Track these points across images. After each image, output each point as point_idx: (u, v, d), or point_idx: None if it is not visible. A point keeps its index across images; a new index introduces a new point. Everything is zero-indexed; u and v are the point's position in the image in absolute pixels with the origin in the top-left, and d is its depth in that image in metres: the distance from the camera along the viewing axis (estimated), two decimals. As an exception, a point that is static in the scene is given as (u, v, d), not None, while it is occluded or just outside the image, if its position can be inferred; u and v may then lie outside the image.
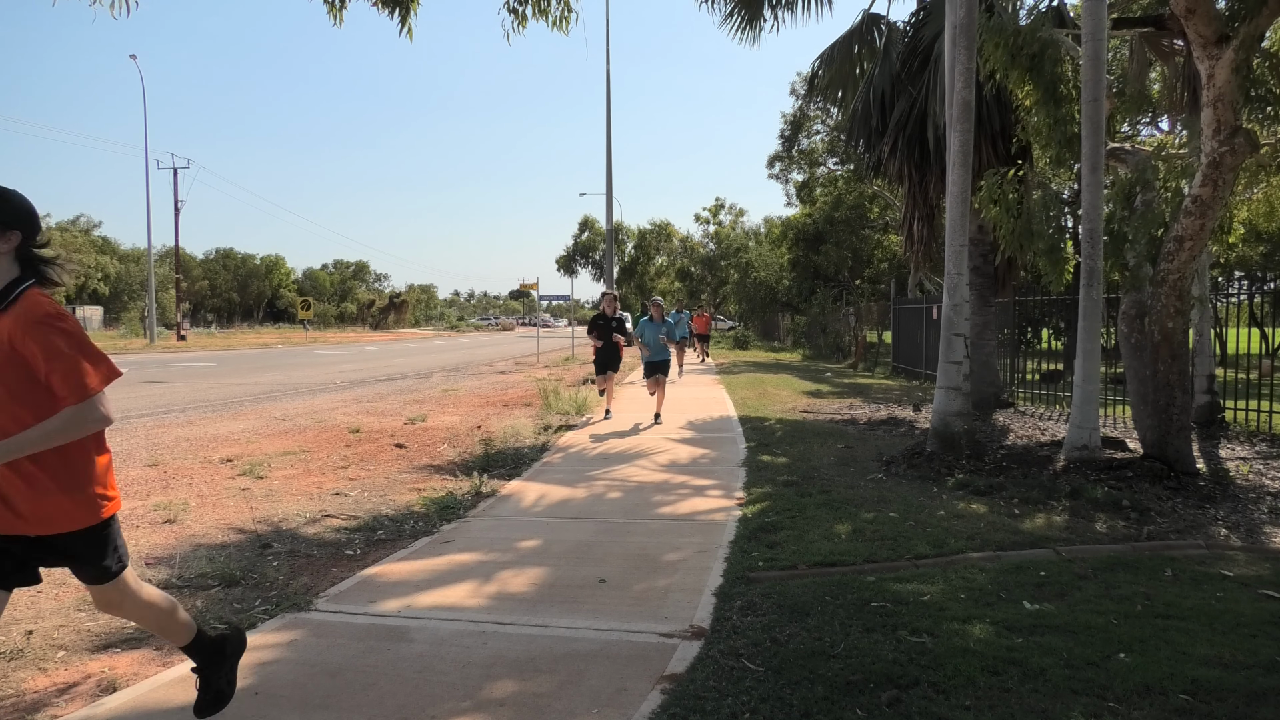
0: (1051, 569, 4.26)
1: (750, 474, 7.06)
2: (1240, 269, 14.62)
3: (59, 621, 3.83)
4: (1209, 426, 9.12)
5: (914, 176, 11.59)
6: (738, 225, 58.16)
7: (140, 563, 4.70)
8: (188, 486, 6.88)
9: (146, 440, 9.41)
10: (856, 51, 12.48)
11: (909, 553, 4.55)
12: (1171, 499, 5.85)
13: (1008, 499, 5.90)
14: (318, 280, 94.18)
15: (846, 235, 35.68)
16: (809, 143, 38.22)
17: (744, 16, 12.21)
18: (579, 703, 2.89)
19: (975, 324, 10.41)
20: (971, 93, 7.43)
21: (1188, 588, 3.96)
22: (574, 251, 68.38)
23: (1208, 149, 6.20)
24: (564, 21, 8.58)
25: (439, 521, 5.68)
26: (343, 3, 7.90)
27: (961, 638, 3.33)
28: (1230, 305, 14.71)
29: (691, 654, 3.27)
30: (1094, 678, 2.97)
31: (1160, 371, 6.54)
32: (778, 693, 2.90)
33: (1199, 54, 6.25)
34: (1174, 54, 10.24)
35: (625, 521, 5.57)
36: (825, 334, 29.20)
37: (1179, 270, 6.43)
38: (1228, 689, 2.86)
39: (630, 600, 3.97)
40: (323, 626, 3.70)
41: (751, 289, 43.30)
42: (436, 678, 3.13)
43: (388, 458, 8.34)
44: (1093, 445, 6.77)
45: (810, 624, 3.54)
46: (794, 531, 5.06)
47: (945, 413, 7.45)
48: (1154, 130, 18.72)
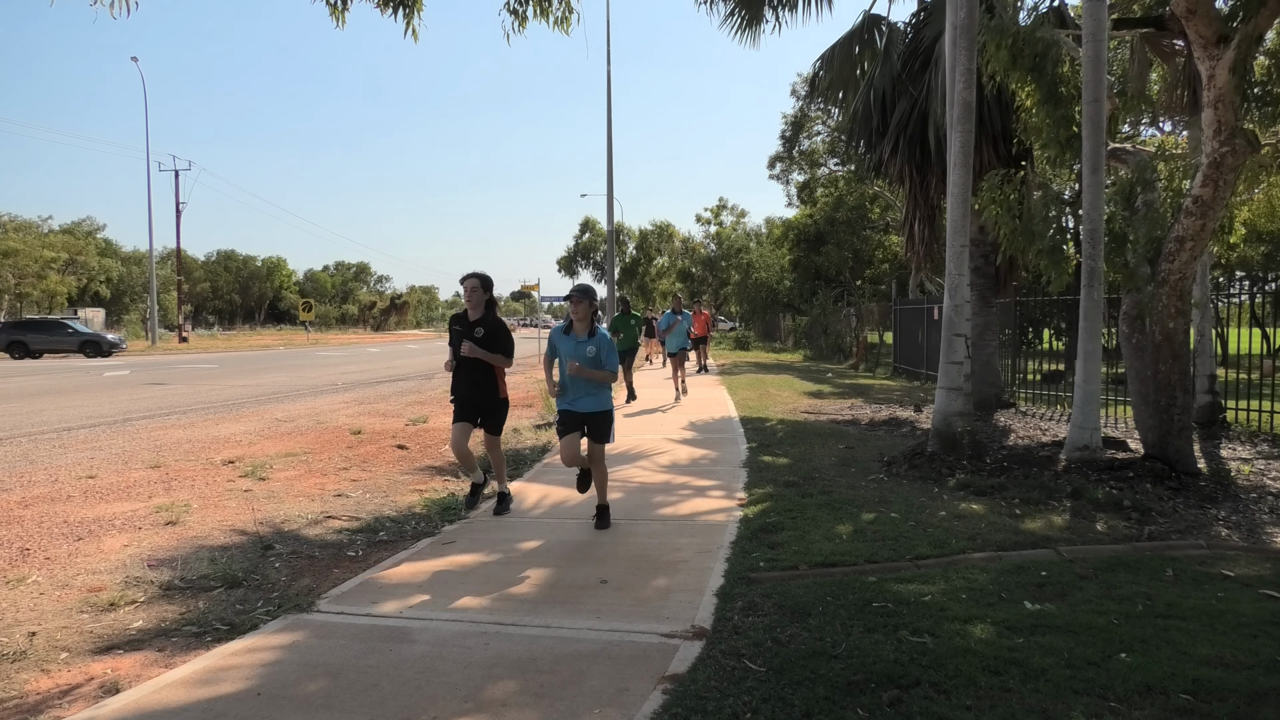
0: (1053, 569, 4.26)
1: (751, 475, 7.06)
2: (1241, 269, 14.61)
3: (61, 623, 3.84)
4: (1210, 427, 9.11)
5: (915, 177, 11.59)
6: (739, 226, 58.15)
7: (143, 564, 4.71)
8: (190, 488, 6.90)
9: (149, 442, 9.42)
10: (857, 52, 12.48)
11: (910, 553, 4.55)
12: (1173, 499, 5.85)
13: (1009, 499, 5.90)
14: (319, 282, 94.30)
15: (847, 236, 35.65)
16: (810, 144, 38.22)
17: (744, 17, 12.21)
18: (581, 703, 2.89)
19: (976, 324, 10.41)
20: (972, 93, 7.43)
21: (1189, 588, 3.96)
22: (575, 252, 68.35)
23: (1208, 149, 6.20)
24: (565, 22, 8.59)
25: (440, 523, 5.69)
26: (345, 4, 7.91)
27: (963, 638, 3.33)
28: (1231, 305, 14.70)
29: (693, 654, 3.28)
30: (1095, 678, 2.97)
31: (1161, 372, 6.54)
32: (779, 693, 2.90)
33: (1199, 54, 6.24)
34: (1174, 54, 10.24)
35: (626, 522, 5.57)
36: (826, 335, 29.19)
37: (1180, 270, 6.43)
38: (1229, 689, 2.86)
39: (632, 601, 3.97)
40: (325, 627, 3.71)
41: (752, 290, 43.28)
42: (438, 678, 3.13)
43: (389, 459, 8.35)
44: (1094, 445, 6.77)
45: (811, 624, 3.54)
46: (795, 532, 5.06)
47: (946, 413, 7.45)
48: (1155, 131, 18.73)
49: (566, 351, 5.25)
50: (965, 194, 7.40)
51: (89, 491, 6.73)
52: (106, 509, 6.12)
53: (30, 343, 31.73)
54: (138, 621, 3.85)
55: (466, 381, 5.61)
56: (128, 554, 4.95)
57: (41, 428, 10.68)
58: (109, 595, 4.15)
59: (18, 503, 6.32)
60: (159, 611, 3.98)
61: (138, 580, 4.43)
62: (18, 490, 6.80)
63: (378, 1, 7.95)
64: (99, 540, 5.27)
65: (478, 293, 5.62)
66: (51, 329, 32.87)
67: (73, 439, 9.68)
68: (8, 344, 31.69)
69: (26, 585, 4.39)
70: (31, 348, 31.67)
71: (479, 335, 5.54)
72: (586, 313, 5.28)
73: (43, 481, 7.16)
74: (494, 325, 5.63)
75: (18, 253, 46.11)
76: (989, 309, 11.74)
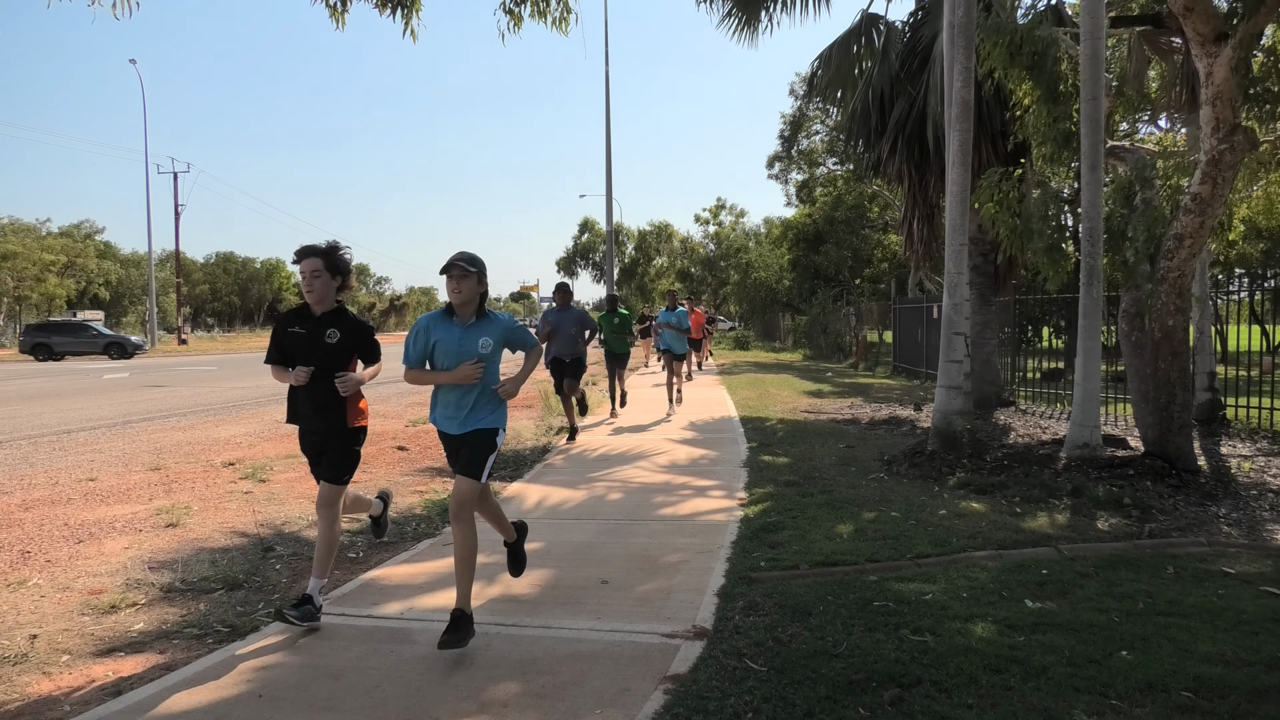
0: (1053, 567, 4.26)
1: (752, 474, 7.06)
2: (1240, 266, 14.61)
3: (63, 625, 3.84)
4: (1210, 424, 9.12)
5: (913, 176, 11.59)
6: (738, 226, 58.17)
7: (144, 566, 4.71)
8: (190, 490, 6.89)
9: (148, 444, 9.42)
10: (855, 51, 12.48)
11: (911, 552, 4.56)
12: (1173, 496, 5.85)
13: (1009, 497, 5.90)
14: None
15: (846, 235, 35.66)
16: (808, 143, 38.23)
17: (742, 17, 12.22)
18: (582, 703, 2.89)
19: (976, 323, 10.41)
20: (970, 92, 7.43)
21: (1189, 585, 3.96)
22: (574, 253, 68.41)
23: (1207, 147, 6.21)
24: (563, 22, 8.58)
25: (441, 524, 5.69)
26: (344, 5, 7.90)
27: (964, 636, 3.33)
28: (1231, 302, 14.71)
29: (694, 654, 3.28)
30: (1096, 675, 2.97)
31: (1161, 369, 6.54)
32: (780, 692, 2.91)
33: (1197, 52, 6.25)
34: (1172, 52, 10.24)
35: (627, 523, 5.57)
36: (826, 334, 29.20)
37: (1179, 268, 6.43)
38: (1230, 686, 2.86)
39: (633, 601, 3.98)
40: (326, 629, 3.71)
41: (752, 289, 43.28)
42: (440, 679, 3.13)
43: (390, 460, 8.35)
44: (1094, 443, 6.77)
45: (812, 624, 3.54)
46: (796, 531, 5.06)
47: (946, 412, 7.45)
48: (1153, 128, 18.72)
49: (447, 346, 3.60)
50: (964, 192, 7.41)
51: (89, 494, 6.73)
52: (107, 511, 6.12)
53: (55, 345, 31.80)
54: (139, 624, 3.85)
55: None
56: (128, 556, 4.94)
57: (41, 430, 10.68)
58: (110, 597, 4.15)
59: (18, 505, 6.32)
60: (160, 614, 3.98)
61: (139, 582, 4.43)
62: (18, 493, 6.79)
63: (376, 2, 7.95)
64: (100, 543, 5.27)
65: (322, 277, 3.78)
66: (76, 331, 32.96)
67: (72, 441, 9.68)
68: (32, 346, 31.76)
69: (27, 588, 4.39)
70: (56, 350, 31.71)
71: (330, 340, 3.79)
72: (472, 292, 3.59)
73: (43, 484, 7.15)
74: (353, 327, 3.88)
75: (16, 255, 46.10)
76: (988, 307, 11.75)
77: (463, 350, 3.61)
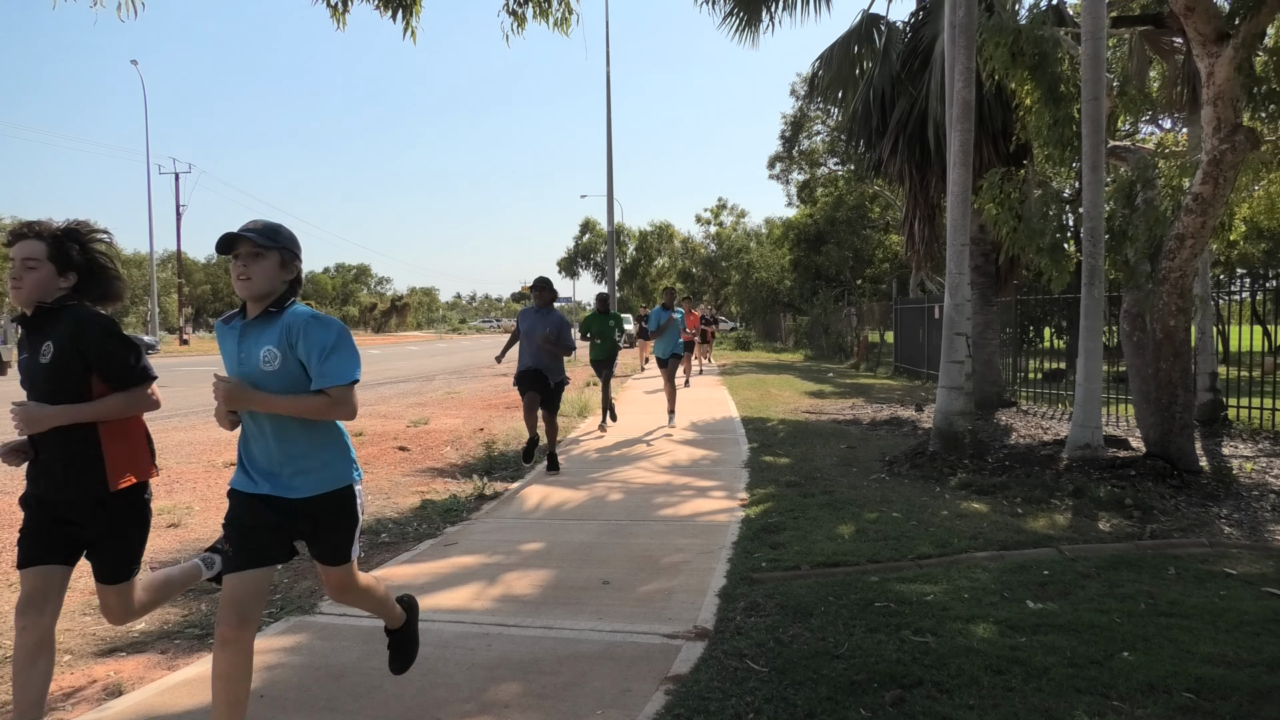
0: (1055, 568, 4.26)
1: (753, 475, 7.06)
2: (1242, 266, 14.59)
3: (64, 625, 3.84)
4: (1212, 424, 9.11)
5: (915, 176, 11.59)
6: (739, 226, 58.20)
7: (145, 567, 4.70)
8: (191, 490, 6.90)
9: (150, 445, 9.42)
10: (856, 52, 12.49)
11: (912, 553, 4.55)
12: (1174, 497, 5.85)
13: (1011, 498, 5.90)
14: (319, 284, 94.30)
15: (848, 235, 35.66)
16: (809, 143, 38.25)
17: (742, 17, 12.23)
18: (583, 704, 2.89)
19: (977, 323, 10.41)
20: (971, 92, 7.43)
21: (1191, 586, 3.96)
22: (575, 253, 68.45)
23: (1208, 146, 6.20)
24: (565, 23, 8.58)
25: (442, 524, 5.69)
26: (345, 5, 7.91)
27: (965, 637, 3.33)
28: (1232, 303, 14.69)
29: (695, 655, 3.28)
30: (1097, 676, 2.97)
31: (1162, 370, 6.54)
32: (782, 693, 2.90)
33: (1199, 52, 6.24)
34: (1174, 52, 10.24)
35: (628, 523, 5.57)
36: (827, 334, 29.19)
37: (1180, 268, 6.42)
38: (1231, 687, 2.86)
39: (634, 601, 3.97)
40: (327, 629, 3.71)
41: (753, 290, 43.30)
42: (441, 680, 3.13)
43: (391, 460, 8.35)
44: (1095, 444, 6.76)
45: (814, 624, 3.54)
46: (797, 532, 5.06)
47: (948, 412, 7.45)
48: (1154, 128, 18.71)
49: (226, 361, 2.62)
50: (965, 193, 7.40)
51: (91, 494, 6.73)
52: (108, 512, 6.11)
53: None
54: (140, 624, 3.85)
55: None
56: (130, 557, 4.94)
57: (43, 431, 10.67)
58: (111, 598, 4.15)
59: (18, 505, 6.31)
60: (161, 614, 3.98)
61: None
62: (18, 493, 6.79)
63: (377, 3, 7.95)
64: (101, 543, 5.27)
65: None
66: None
67: (74, 442, 9.67)
68: None
69: (29, 588, 4.39)
70: None
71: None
72: (269, 281, 2.51)
73: (44, 485, 7.15)
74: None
75: (18, 256, 46.07)
76: (990, 308, 11.74)
77: (242, 365, 2.48)
